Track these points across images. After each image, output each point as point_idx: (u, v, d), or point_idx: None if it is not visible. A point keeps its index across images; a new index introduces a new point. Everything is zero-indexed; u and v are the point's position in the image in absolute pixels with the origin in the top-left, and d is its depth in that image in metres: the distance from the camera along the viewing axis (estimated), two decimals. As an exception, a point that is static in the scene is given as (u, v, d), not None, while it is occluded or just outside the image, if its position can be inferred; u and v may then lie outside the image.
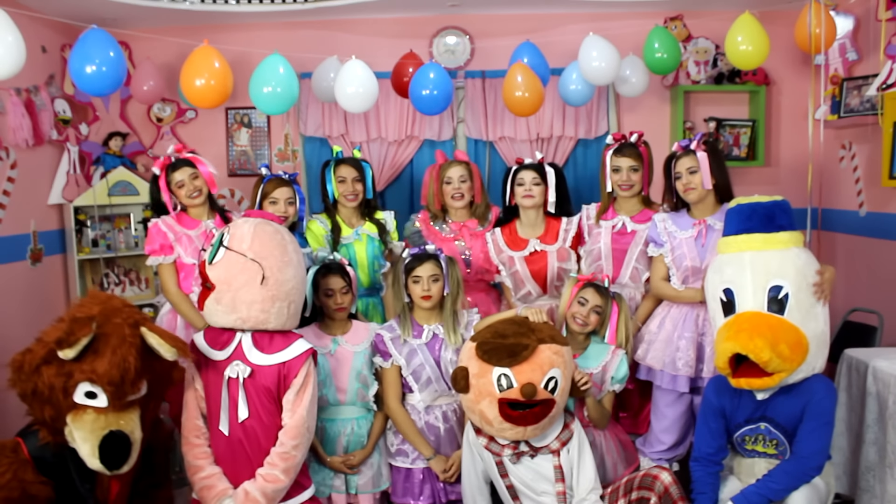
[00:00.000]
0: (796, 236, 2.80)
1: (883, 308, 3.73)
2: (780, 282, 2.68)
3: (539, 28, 4.71)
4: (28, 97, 4.10)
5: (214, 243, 2.68)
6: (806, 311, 2.68)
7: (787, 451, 2.74)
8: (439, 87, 3.95)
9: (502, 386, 2.66)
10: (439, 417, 3.08)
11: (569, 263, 3.53)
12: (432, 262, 3.05)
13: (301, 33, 4.76)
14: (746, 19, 3.98)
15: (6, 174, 3.98)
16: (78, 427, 2.39)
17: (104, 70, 3.35)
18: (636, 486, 2.70)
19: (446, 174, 3.71)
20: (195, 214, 3.47)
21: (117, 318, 2.45)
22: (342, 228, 3.59)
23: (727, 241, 2.86)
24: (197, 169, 3.44)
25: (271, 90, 3.78)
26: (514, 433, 2.69)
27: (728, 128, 4.78)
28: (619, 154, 3.42)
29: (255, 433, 2.64)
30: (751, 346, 2.57)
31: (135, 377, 2.41)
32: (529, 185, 3.52)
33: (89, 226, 4.62)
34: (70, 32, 4.46)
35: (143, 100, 4.62)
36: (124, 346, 2.40)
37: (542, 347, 2.69)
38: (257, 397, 2.65)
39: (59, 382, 2.38)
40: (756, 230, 2.77)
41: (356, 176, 3.58)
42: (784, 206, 2.82)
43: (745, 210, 2.82)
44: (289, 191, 3.46)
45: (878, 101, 3.81)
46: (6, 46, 2.96)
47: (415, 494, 3.03)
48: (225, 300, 2.63)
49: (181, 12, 4.35)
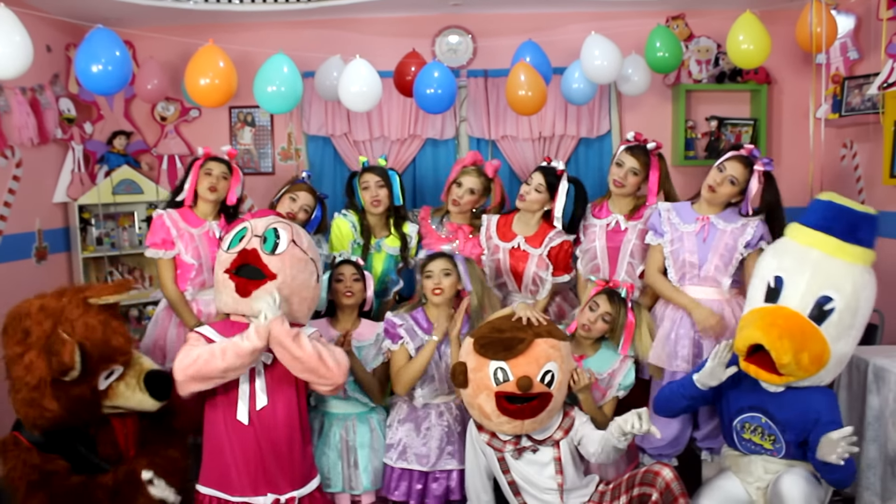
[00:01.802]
0: (868, 255, 2.70)
1: (884, 306, 3.71)
2: (832, 293, 2.62)
3: (541, 27, 4.72)
4: (33, 96, 4.13)
5: (268, 234, 2.69)
6: (843, 331, 2.65)
7: (783, 448, 2.76)
8: (443, 85, 3.97)
9: (499, 379, 2.69)
10: (433, 416, 3.10)
11: (545, 273, 3.50)
12: (445, 258, 3.11)
13: (304, 32, 4.77)
14: (748, 18, 3.99)
15: (11, 173, 4.01)
16: (120, 401, 2.75)
17: (110, 69, 3.37)
18: (637, 483, 2.71)
19: (460, 178, 3.70)
20: (201, 212, 3.49)
21: (68, 313, 2.68)
22: (373, 233, 3.66)
23: (802, 230, 2.76)
24: (231, 175, 3.50)
25: (275, 89, 3.80)
26: (511, 427, 2.72)
27: (730, 126, 4.80)
28: (628, 152, 3.43)
29: (273, 422, 2.64)
30: (777, 344, 2.56)
31: (117, 337, 2.70)
32: (528, 187, 3.49)
33: (93, 224, 4.66)
34: (75, 32, 4.48)
35: (147, 99, 4.64)
36: (97, 327, 2.66)
37: (538, 341, 2.73)
38: (278, 385, 2.66)
39: (87, 391, 2.67)
40: (835, 233, 2.67)
41: (379, 181, 3.62)
42: (872, 222, 2.70)
43: (833, 209, 2.72)
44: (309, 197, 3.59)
45: (879, 99, 3.82)
46: (13, 46, 2.98)
47: (390, 490, 3.07)
48: (284, 293, 2.64)
49: (185, 11, 4.37)
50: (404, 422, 3.10)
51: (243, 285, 2.63)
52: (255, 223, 2.74)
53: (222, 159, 3.50)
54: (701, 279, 3.22)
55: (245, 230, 2.72)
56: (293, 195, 3.56)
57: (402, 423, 3.10)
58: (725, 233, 3.18)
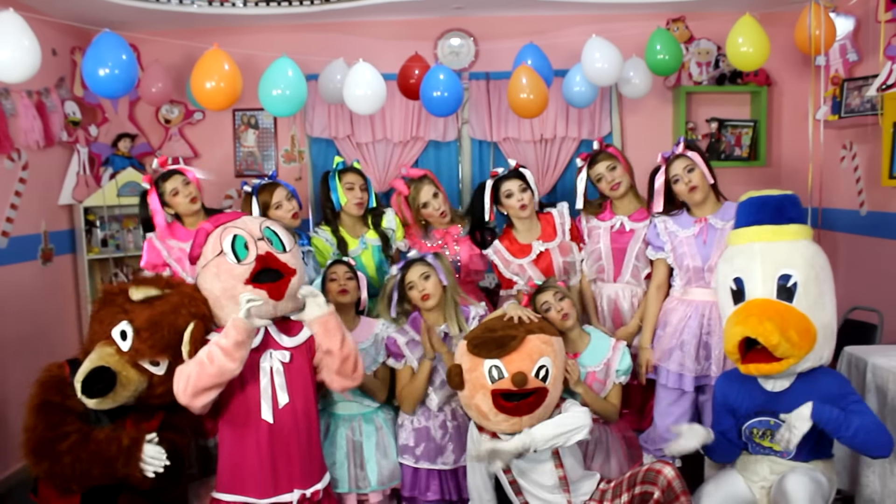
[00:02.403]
0: (805, 229, 2.86)
1: (883, 306, 3.76)
2: (789, 271, 2.74)
3: (542, 30, 4.75)
4: (39, 99, 4.16)
5: (268, 234, 2.73)
6: (814, 301, 2.73)
7: (796, 449, 2.75)
8: (449, 88, 4.01)
9: (494, 377, 2.73)
10: (449, 416, 3.14)
11: (572, 256, 3.56)
12: (418, 263, 3.15)
13: (307, 35, 4.81)
14: (747, 21, 4.01)
15: (18, 175, 4.04)
16: (94, 351, 2.69)
17: (117, 73, 3.40)
18: (639, 481, 2.73)
19: (419, 198, 3.66)
20: (191, 224, 3.45)
21: (186, 299, 2.72)
22: (348, 242, 3.63)
23: (738, 232, 2.92)
24: (185, 176, 3.47)
25: (280, 92, 3.82)
26: (509, 424, 2.75)
27: (730, 128, 4.83)
28: (592, 164, 3.52)
29: (294, 418, 2.67)
30: (760, 330, 2.62)
31: (160, 343, 2.64)
32: (519, 194, 3.52)
33: (98, 226, 4.67)
34: (80, 35, 4.51)
35: (151, 101, 4.68)
36: (172, 315, 2.66)
37: (530, 337, 2.78)
38: (297, 380, 2.70)
39: (109, 315, 2.71)
40: (766, 222, 2.83)
41: (363, 184, 3.64)
42: (794, 200, 2.89)
43: (756, 202, 2.89)
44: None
45: (878, 101, 3.84)
46: (23, 51, 3.02)
47: (422, 489, 3.09)
48: (297, 287, 2.69)
49: (188, 15, 4.40)
50: (420, 423, 3.14)
51: (276, 289, 2.63)
52: (248, 228, 2.72)
53: (169, 172, 3.45)
54: (707, 281, 3.23)
55: (242, 237, 2.68)
56: (275, 204, 3.46)
57: (420, 425, 3.13)
58: (724, 230, 3.20)
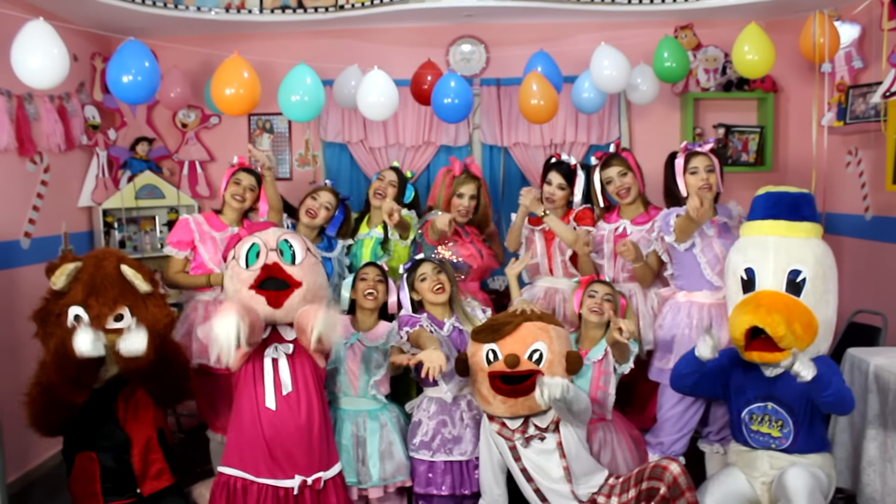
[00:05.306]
0: (817, 228, 2.96)
1: (887, 310, 3.79)
2: (799, 266, 2.84)
3: (552, 37, 4.83)
4: (60, 104, 4.25)
5: (282, 246, 2.89)
6: (819, 297, 2.85)
7: (791, 434, 2.85)
8: (460, 95, 4.10)
9: (490, 360, 2.91)
10: (465, 407, 3.22)
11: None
12: (427, 261, 3.32)
13: (322, 42, 4.89)
14: (752, 30, 4.07)
15: (40, 178, 4.13)
16: None
17: (140, 79, 3.50)
18: (646, 477, 2.79)
19: (459, 189, 3.81)
20: (227, 218, 3.63)
21: (100, 253, 2.96)
22: (361, 227, 3.88)
23: (753, 224, 3.00)
24: (259, 190, 3.64)
25: (299, 98, 3.91)
26: (507, 407, 2.88)
27: (737, 134, 4.89)
28: (605, 167, 3.61)
29: (297, 407, 2.84)
30: (768, 321, 2.72)
31: (108, 295, 2.83)
32: (553, 188, 3.72)
33: (116, 228, 4.76)
34: (100, 42, 4.61)
35: (169, 106, 4.77)
36: (96, 269, 2.87)
37: (525, 324, 2.95)
38: (299, 372, 2.88)
39: (56, 309, 2.84)
40: (781, 217, 2.93)
41: (393, 179, 3.83)
42: (809, 199, 2.97)
43: (773, 197, 2.98)
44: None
45: (882, 107, 3.89)
46: (52, 58, 3.14)
47: (437, 484, 3.16)
48: (308, 298, 2.85)
49: (206, 22, 4.50)
50: (436, 416, 3.20)
51: (274, 297, 2.82)
52: (266, 238, 2.91)
53: (252, 171, 3.65)
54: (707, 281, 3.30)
55: (257, 246, 2.88)
56: (314, 195, 3.72)
57: (434, 418, 3.20)
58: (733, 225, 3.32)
